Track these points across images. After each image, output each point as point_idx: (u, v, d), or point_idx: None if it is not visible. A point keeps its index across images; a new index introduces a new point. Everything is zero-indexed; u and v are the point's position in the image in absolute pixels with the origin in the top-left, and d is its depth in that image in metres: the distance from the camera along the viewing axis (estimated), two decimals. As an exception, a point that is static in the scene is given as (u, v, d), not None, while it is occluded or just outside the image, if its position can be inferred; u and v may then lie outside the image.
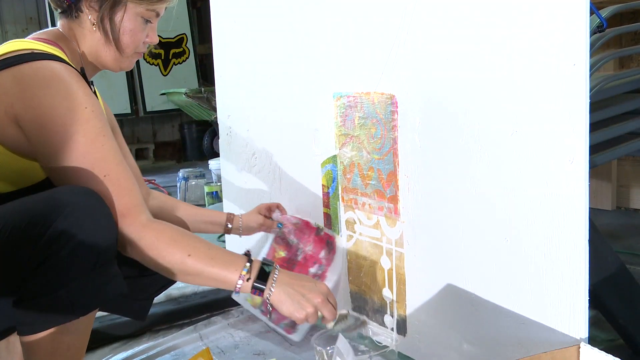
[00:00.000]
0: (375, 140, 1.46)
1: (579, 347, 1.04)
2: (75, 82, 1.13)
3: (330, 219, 1.67)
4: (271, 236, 1.73)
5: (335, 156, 1.61)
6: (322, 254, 1.65)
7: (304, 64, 1.68)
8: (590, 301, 1.06)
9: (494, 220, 1.20)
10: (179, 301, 1.95)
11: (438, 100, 1.28)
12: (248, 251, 1.21)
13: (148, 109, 6.16)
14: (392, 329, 1.50)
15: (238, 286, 1.11)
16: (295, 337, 1.61)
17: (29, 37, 1.27)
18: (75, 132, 1.09)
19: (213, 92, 5.13)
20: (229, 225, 1.64)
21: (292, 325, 1.61)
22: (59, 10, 1.29)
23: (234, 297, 1.81)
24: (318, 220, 1.70)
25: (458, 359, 1.32)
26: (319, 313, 1.15)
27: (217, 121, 5.77)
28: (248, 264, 1.12)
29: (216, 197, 3.85)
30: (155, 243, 1.10)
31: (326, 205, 1.67)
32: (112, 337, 1.76)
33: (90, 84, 1.29)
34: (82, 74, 1.24)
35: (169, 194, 4.44)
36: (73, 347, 1.11)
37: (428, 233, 1.36)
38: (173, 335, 1.77)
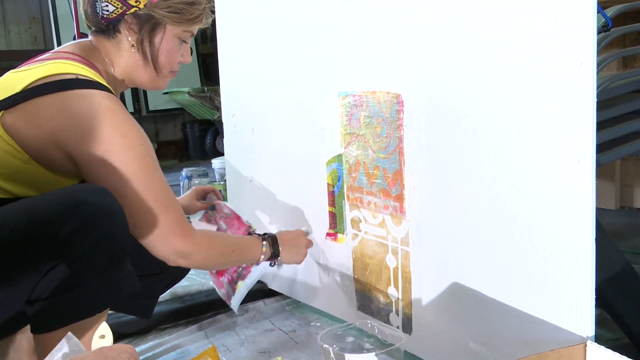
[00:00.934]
0: (381, 139, 1.46)
1: (586, 345, 1.04)
2: (125, 114, 1.18)
3: (335, 218, 1.67)
4: (198, 215, 1.74)
5: (340, 155, 1.61)
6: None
7: (310, 63, 1.68)
8: (595, 300, 1.07)
9: (500, 218, 1.20)
10: (184, 299, 1.96)
11: (444, 99, 1.29)
12: (253, 231, 1.59)
13: (151, 107, 6.16)
14: (398, 327, 1.50)
15: (260, 259, 1.49)
16: (231, 305, 1.69)
17: (62, 48, 1.28)
18: (137, 169, 1.16)
19: (216, 92, 5.15)
20: None
21: (227, 296, 1.68)
22: (93, 29, 1.31)
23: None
24: (323, 219, 1.70)
25: (464, 358, 1.33)
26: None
27: (219, 120, 5.76)
28: (264, 242, 1.50)
29: (219, 195, 3.86)
30: (211, 252, 1.33)
31: (331, 204, 1.68)
32: (117, 335, 1.76)
33: None
34: (121, 98, 1.29)
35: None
36: (86, 344, 1.12)
37: (434, 231, 1.36)
38: (178, 333, 1.78)
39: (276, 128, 1.87)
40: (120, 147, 1.14)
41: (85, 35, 1.37)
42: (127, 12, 1.27)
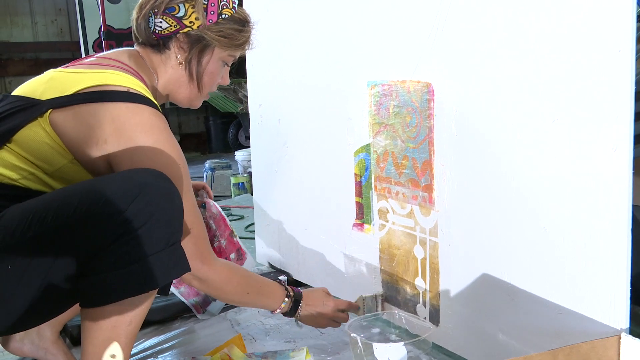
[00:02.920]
0: (411, 129, 1.46)
1: (620, 338, 1.03)
2: (169, 134, 1.22)
3: (362, 208, 1.67)
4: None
5: (368, 145, 1.61)
6: (233, 256, 1.68)
7: (338, 52, 1.68)
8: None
9: (532, 209, 1.19)
10: (210, 289, 1.97)
11: (475, 88, 1.28)
12: (280, 280, 1.51)
13: (173, 100, 6.22)
14: (425, 319, 1.50)
15: (276, 312, 1.46)
16: (201, 316, 1.72)
17: (111, 54, 1.31)
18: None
19: (240, 84, 5.18)
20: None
21: (202, 305, 1.69)
22: (141, 41, 1.35)
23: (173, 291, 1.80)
24: (350, 209, 1.70)
25: (492, 350, 1.32)
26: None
27: (242, 113, 5.78)
28: (287, 299, 1.45)
29: (242, 188, 3.88)
30: (225, 285, 1.34)
31: (358, 194, 1.68)
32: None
33: None
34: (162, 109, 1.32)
35: (195, 185, 4.48)
36: (133, 322, 1.15)
37: (463, 222, 1.36)
38: (204, 321, 1.79)
39: (303, 118, 1.87)
40: (159, 164, 1.17)
41: (112, 28, 1.40)
42: (180, 31, 1.31)
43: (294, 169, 1.95)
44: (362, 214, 1.68)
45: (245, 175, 3.94)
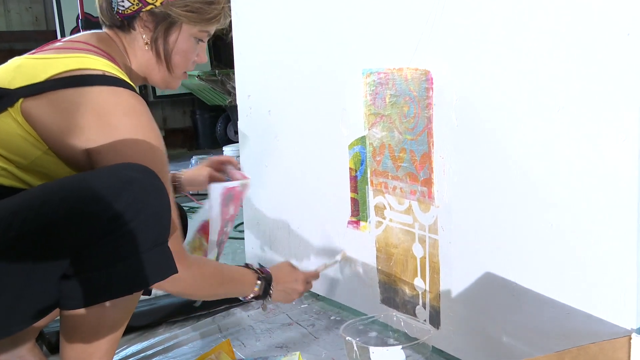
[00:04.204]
0: (408, 120, 1.46)
1: (630, 338, 1.03)
2: (149, 118, 1.21)
3: (358, 205, 1.67)
4: (217, 197, 1.62)
5: (364, 137, 1.61)
6: (232, 210, 1.64)
7: (331, 38, 1.68)
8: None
9: (537, 203, 1.20)
10: (196, 292, 1.97)
11: (477, 75, 1.28)
12: (248, 264, 1.52)
13: (158, 93, 6.19)
14: (425, 321, 1.50)
15: (249, 297, 1.47)
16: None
17: (79, 37, 1.31)
18: None
19: (228, 75, 5.17)
20: (176, 184, 1.70)
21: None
22: (108, 24, 1.35)
23: None
24: (345, 206, 1.71)
25: (496, 353, 1.32)
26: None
27: (231, 106, 5.76)
28: (259, 282, 1.46)
29: (231, 185, 3.87)
30: (199, 281, 1.32)
31: (354, 189, 1.68)
32: (126, 328, 1.77)
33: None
34: (142, 92, 1.30)
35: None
36: (116, 325, 1.15)
37: (465, 218, 1.36)
38: (190, 326, 1.79)
39: (294, 109, 1.87)
40: (140, 149, 1.17)
41: (91, 16, 1.40)
42: (143, 9, 1.30)
43: (285, 164, 1.95)
44: (358, 210, 1.68)
45: (234, 171, 3.94)
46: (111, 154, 1.16)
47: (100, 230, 1.05)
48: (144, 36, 1.32)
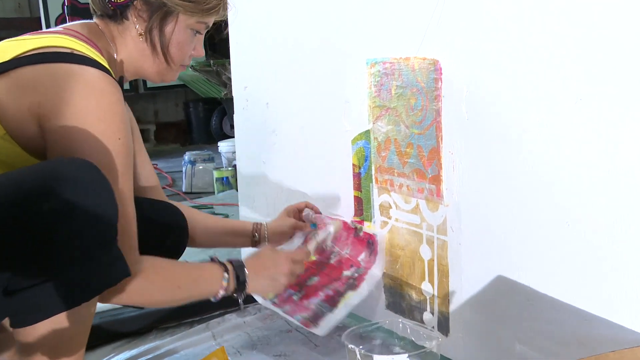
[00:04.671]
0: (415, 113, 1.46)
1: (652, 346, 1.03)
2: (115, 100, 1.18)
3: (361, 203, 1.67)
4: (298, 237, 1.72)
5: (368, 131, 1.61)
6: (363, 256, 1.66)
7: (333, 26, 1.68)
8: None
9: (553, 201, 1.20)
10: (189, 296, 1.97)
11: (489, 65, 1.28)
12: (212, 257, 1.39)
13: (149, 84, 6.20)
14: (433, 328, 1.50)
15: (220, 295, 1.34)
16: (317, 331, 1.61)
17: (63, 26, 1.31)
18: (100, 164, 1.12)
19: (223, 65, 5.17)
20: (256, 236, 1.67)
21: (313, 319, 1.62)
22: (99, 13, 1.34)
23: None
24: (348, 205, 1.71)
25: (509, 362, 1.33)
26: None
27: (227, 98, 5.74)
28: (226, 274, 1.34)
29: (227, 183, 3.88)
30: (149, 288, 1.24)
31: (357, 187, 1.68)
32: (114, 334, 1.78)
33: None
34: (120, 82, 1.30)
35: (173, 180, 4.49)
36: (76, 338, 1.14)
37: (475, 218, 1.36)
38: (183, 333, 1.79)
39: (294, 102, 1.87)
40: (94, 133, 1.14)
41: (77, 2, 1.39)
42: None
43: (284, 160, 1.95)
44: (362, 209, 1.68)
45: (229, 168, 3.94)
46: (64, 137, 1.14)
47: (36, 236, 1.01)
48: (137, 26, 1.32)
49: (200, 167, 4.18)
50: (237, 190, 2.62)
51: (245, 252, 2.09)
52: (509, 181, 1.27)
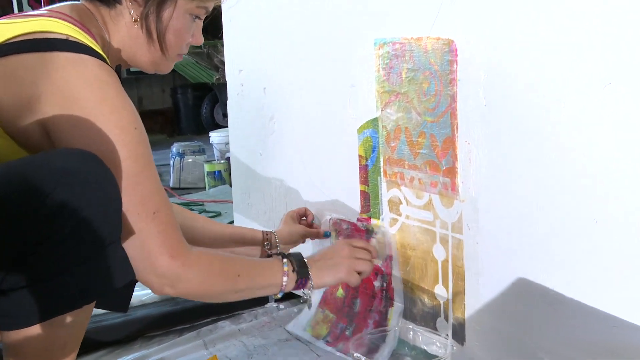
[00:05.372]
0: (428, 98, 1.46)
1: (689, 355, 1.04)
2: (119, 90, 1.19)
3: (369, 199, 1.68)
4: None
5: (376, 119, 1.62)
6: (380, 261, 1.67)
7: (337, 3, 1.68)
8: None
9: (579, 196, 1.20)
10: (178, 301, 1.99)
11: (509, 46, 1.28)
12: (271, 252, 1.52)
13: (132, 68, 6.21)
14: (447, 336, 1.51)
15: (284, 284, 1.38)
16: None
17: (49, 8, 1.31)
18: (125, 157, 1.16)
19: (215, 47, 5.18)
20: (267, 245, 1.70)
21: (369, 354, 1.64)
22: None
23: (289, 328, 1.84)
24: (354, 200, 1.71)
25: (531, 373, 1.33)
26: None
27: (219, 84, 5.74)
28: (285, 260, 1.40)
29: (219, 178, 3.89)
30: (208, 278, 1.28)
31: (364, 181, 1.69)
32: (96, 343, 1.80)
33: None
34: (117, 72, 1.31)
35: (160, 175, 4.50)
36: (70, 343, 1.16)
37: (494, 214, 1.37)
38: (171, 342, 1.81)
39: (294, 86, 1.88)
40: (108, 126, 1.16)
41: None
42: None
43: (284, 151, 1.95)
44: (368, 206, 1.69)
45: (222, 161, 3.95)
46: (71, 131, 1.15)
47: (35, 234, 1.04)
48: (132, 11, 1.32)
49: (190, 160, 4.19)
50: (230, 185, 2.64)
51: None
52: (531, 174, 1.28)
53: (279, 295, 1.41)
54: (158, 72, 1.42)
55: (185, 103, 6.51)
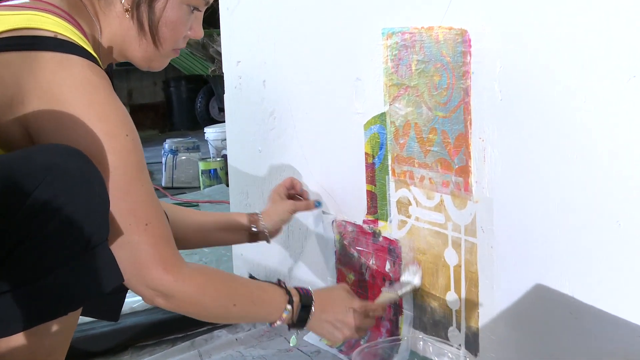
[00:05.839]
0: (440, 92, 1.47)
1: None
2: (110, 94, 1.20)
3: (375, 199, 1.68)
4: (331, 260, 1.81)
5: (383, 114, 1.62)
6: (388, 266, 1.67)
7: (343, -10, 1.69)
8: None
9: (601, 197, 1.20)
10: (171, 309, 1.99)
11: (527, 36, 1.28)
12: (279, 280, 1.47)
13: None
14: (459, 347, 1.51)
15: (277, 325, 1.42)
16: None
17: None
18: (116, 166, 1.17)
19: (211, 36, 5.18)
20: (254, 229, 1.71)
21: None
22: None
23: (306, 338, 1.85)
24: (359, 201, 1.72)
25: (549, 386, 1.34)
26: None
27: (215, 76, 5.74)
28: (289, 306, 1.41)
29: (215, 176, 3.90)
30: (201, 298, 1.30)
31: (370, 180, 1.69)
32: (84, 353, 1.80)
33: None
34: (108, 73, 1.30)
35: (151, 173, 4.51)
36: (54, 354, 1.16)
37: (510, 216, 1.37)
38: (163, 352, 1.81)
39: (296, 79, 1.88)
40: (96, 133, 1.16)
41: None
42: None
43: (284, 148, 1.95)
44: (375, 207, 1.69)
45: (218, 159, 3.96)
46: (55, 136, 1.15)
47: (16, 234, 1.03)
48: (123, 1, 1.31)
49: (183, 158, 4.20)
50: (227, 185, 2.64)
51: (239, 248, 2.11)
52: (550, 173, 1.28)
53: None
54: (151, 68, 1.41)
55: (179, 96, 6.52)
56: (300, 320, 1.43)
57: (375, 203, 1.69)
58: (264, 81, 1.98)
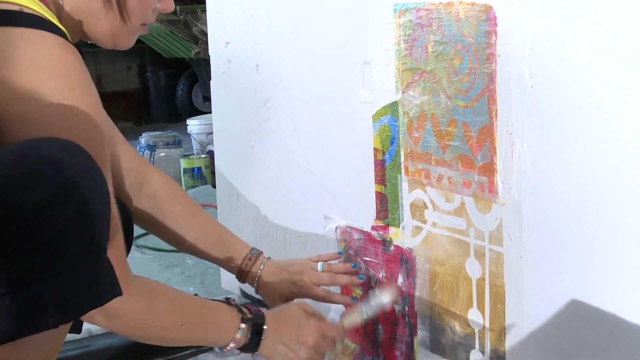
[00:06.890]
0: (461, 78, 1.47)
1: None
2: (84, 75, 1.22)
3: (386, 202, 1.69)
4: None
5: (395, 103, 1.62)
6: (400, 279, 1.68)
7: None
8: None
9: (647, 199, 1.21)
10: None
11: (562, 14, 1.29)
12: (230, 299, 1.49)
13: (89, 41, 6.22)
14: (483, 372, 1.52)
15: (228, 349, 1.45)
16: None
17: None
18: None
19: (195, 14, 5.18)
20: (244, 270, 1.69)
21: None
22: None
23: None
24: (367, 204, 1.72)
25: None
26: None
27: (199, 59, 5.73)
28: (243, 325, 1.43)
29: (199, 176, 3.90)
30: (146, 319, 1.31)
31: (380, 180, 1.69)
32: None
33: None
34: (78, 48, 1.31)
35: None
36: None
37: (541, 222, 1.37)
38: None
39: (295, 63, 1.88)
40: (67, 120, 1.18)
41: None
42: None
43: (280, 143, 1.95)
44: (386, 211, 1.69)
45: (203, 156, 3.96)
46: (24, 124, 1.17)
47: (17, 234, 1.05)
48: None
49: (162, 154, 4.20)
50: (213, 186, 2.64)
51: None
52: (587, 172, 1.28)
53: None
54: (117, 47, 1.42)
55: (157, 83, 6.51)
56: (252, 342, 1.44)
57: (386, 206, 1.69)
58: (256, 65, 1.99)
